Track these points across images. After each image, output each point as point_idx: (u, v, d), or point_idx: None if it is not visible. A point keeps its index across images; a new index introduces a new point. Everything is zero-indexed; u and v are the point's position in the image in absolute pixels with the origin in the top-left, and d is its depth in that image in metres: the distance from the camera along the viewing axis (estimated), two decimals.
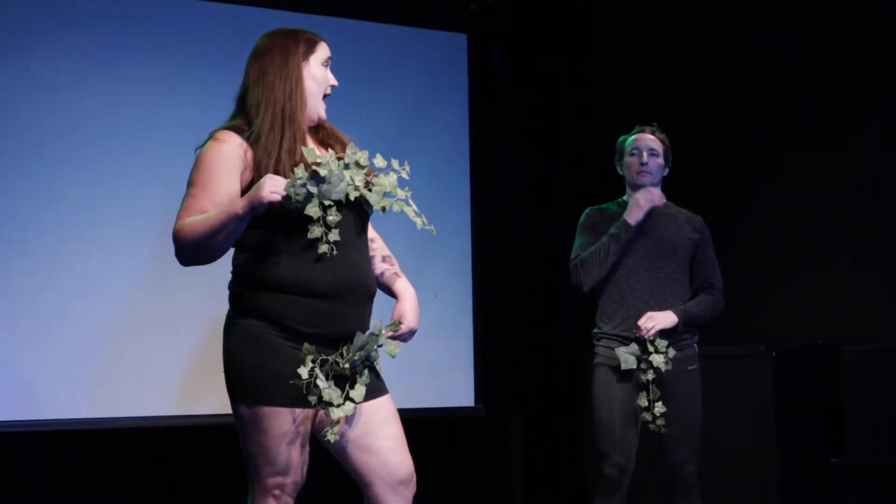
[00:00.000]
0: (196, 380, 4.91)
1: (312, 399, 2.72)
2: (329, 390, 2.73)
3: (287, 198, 2.68)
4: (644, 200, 4.12)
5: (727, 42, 5.61)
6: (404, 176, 2.85)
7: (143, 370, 4.82)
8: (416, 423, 2.97)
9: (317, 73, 2.90)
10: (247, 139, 2.81)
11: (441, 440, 5.44)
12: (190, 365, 4.90)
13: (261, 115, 2.82)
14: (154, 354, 4.85)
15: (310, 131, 2.93)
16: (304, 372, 2.71)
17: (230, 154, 2.80)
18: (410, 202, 2.85)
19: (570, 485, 5.87)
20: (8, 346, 4.61)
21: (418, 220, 2.85)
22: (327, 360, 2.75)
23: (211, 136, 2.85)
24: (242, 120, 2.86)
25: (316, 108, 2.91)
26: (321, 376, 2.72)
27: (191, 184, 2.82)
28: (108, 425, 4.77)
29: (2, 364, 4.60)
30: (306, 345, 2.74)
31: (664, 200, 4.18)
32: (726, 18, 5.62)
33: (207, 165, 2.80)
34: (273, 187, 2.67)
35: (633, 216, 4.12)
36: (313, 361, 2.73)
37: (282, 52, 2.87)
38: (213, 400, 4.88)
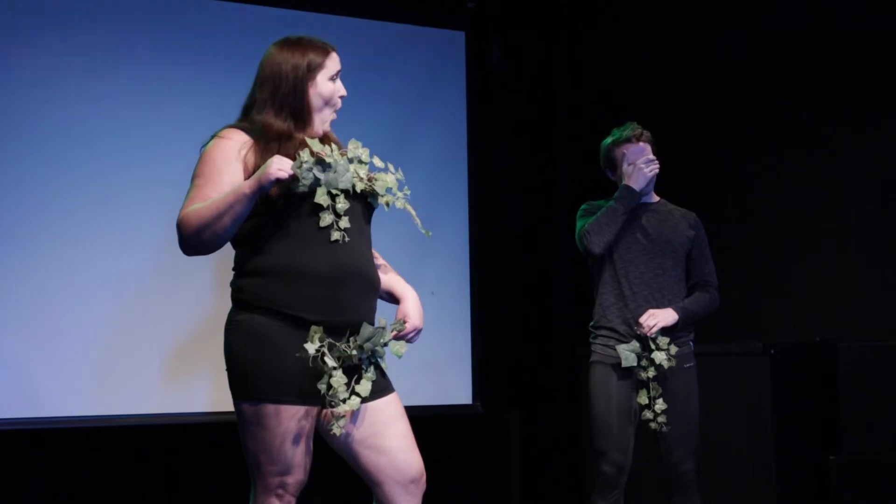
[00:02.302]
0: (197, 377, 4.91)
1: (322, 387, 2.72)
2: (337, 377, 2.73)
3: (294, 178, 2.71)
4: (648, 168, 4.12)
5: (725, 41, 5.61)
6: (399, 177, 2.91)
7: (144, 368, 4.82)
8: (414, 421, 2.97)
9: (324, 91, 2.93)
10: (252, 138, 2.85)
11: (439, 438, 5.44)
12: (190, 362, 4.90)
13: (263, 131, 2.86)
14: (154, 352, 4.85)
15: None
16: (311, 348, 2.71)
17: (234, 149, 2.83)
18: (409, 203, 2.90)
19: (568, 483, 5.87)
20: (9, 344, 4.61)
21: (418, 221, 2.90)
22: (335, 344, 2.76)
23: (215, 135, 2.89)
24: (249, 124, 2.90)
25: (321, 124, 2.95)
26: (329, 356, 2.73)
27: (195, 176, 2.85)
28: (109, 423, 4.77)
29: (3, 362, 4.59)
30: (314, 326, 2.75)
31: (657, 170, 4.17)
32: (724, 18, 5.63)
33: (212, 158, 2.84)
34: (280, 165, 2.71)
35: (637, 182, 4.11)
36: (321, 341, 2.73)
37: (289, 72, 2.88)
38: (214, 397, 4.88)
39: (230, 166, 2.81)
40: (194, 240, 2.78)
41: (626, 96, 5.83)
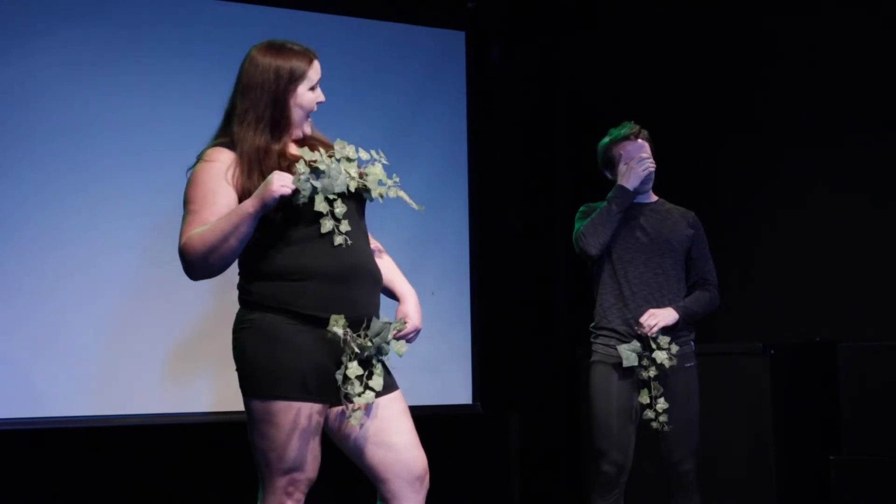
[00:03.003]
0: (197, 377, 4.91)
1: (339, 377, 2.74)
2: (353, 367, 2.74)
3: (296, 192, 2.72)
4: (641, 167, 4.11)
5: (724, 40, 5.62)
6: (384, 162, 2.91)
7: (144, 368, 4.82)
8: (415, 421, 2.98)
9: (304, 101, 2.91)
10: (236, 154, 2.85)
11: (439, 438, 5.42)
12: (190, 362, 4.90)
13: (241, 147, 2.84)
14: (155, 352, 4.85)
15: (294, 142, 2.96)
16: (339, 331, 2.72)
17: (222, 171, 2.83)
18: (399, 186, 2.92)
19: (568, 483, 5.87)
20: (9, 344, 4.61)
21: (412, 203, 2.92)
22: (353, 334, 2.77)
23: (200, 158, 2.88)
24: (229, 137, 2.89)
25: (300, 128, 2.94)
26: (354, 341, 2.74)
27: (188, 202, 2.84)
28: (109, 423, 4.77)
29: (3, 362, 4.60)
30: (334, 315, 2.75)
31: (654, 167, 4.16)
32: (724, 18, 5.63)
33: (202, 181, 2.83)
34: (282, 181, 2.72)
35: (631, 181, 4.11)
36: (343, 327, 2.74)
37: (270, 83, 2.86)
38: (215, 397, 4.89)
39: (222, 188, 2.81)
40: (201, 265, 2.79)
41: (626, 96, 5.83)
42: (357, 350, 2.75)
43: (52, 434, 4.71)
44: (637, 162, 4.11)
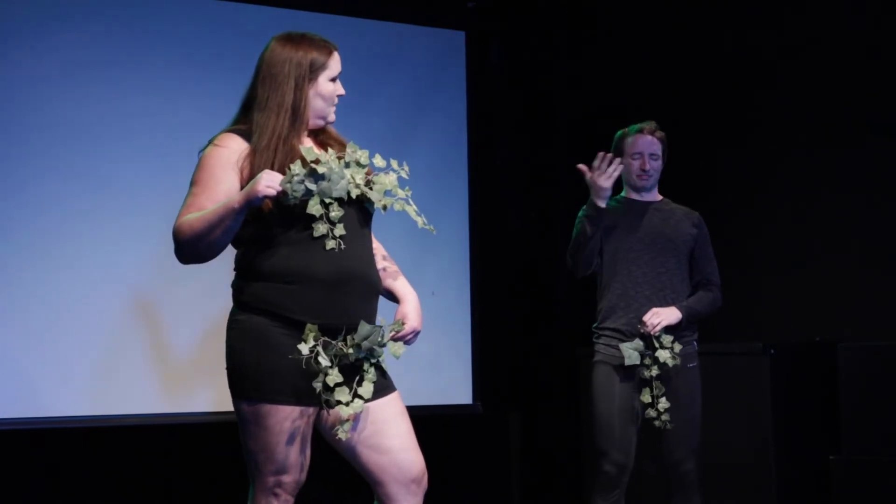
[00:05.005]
0: (197, 377, 4.91)
1: (318, 385, 2.72)
2: (333, 375, 2.72)
3: (283, 193, 2.71)
4: (600, 179, 4.04)
5: (726, 40, 5.62)
6: (403, 176, 2.88)
7: (144, 368, 4.82)
8: (414, 421, 2.97)
9: (324, 91, 2.90)
10: (250, 144, 2.84)
11: (439, 438, 5.43)
12: (190, 362, 4.91)
13: (258, 132, 2.84)
14: (154, 352, 4.85)
15: (310, 133, 2.95)
16: (304, 348, 2.71)
17: (230, 157, 2.83)
18: (410, 201, 2.87)
19: (568, 483, 5.87)
20: (9, 344, 4.61)
21: (419, 220, 2.88)
22: (331, 342, 2.75)
23: (212, 142, 2.88)
24: (247, 125, 2.88)
25: (322, 117, 2.93)
26: (323, 355, 2.72)
27: (192, 183, 2.85)
28: (109, 423, 4.78)
29: (2, 362, 4.60)
30: (309, 325, 2.74)
31: (618, 172, 4.10)
32: (724, 18, 5.63)
33: (209, 165, 2.84)
34: (269, 182, 2.70)
35: (600, 197, 4.05)
36: (315, 340, 2.73)
37: (291, 71, 2.85)
38: (214, 397, 4.89)
39: (226, 175, 2.81)
40: (188, 250, 2.80)
41: (626, 96, 5.83)
42: (328, 362, 2.72)
43: (52, 434, 4.72)
44: (598, 173, 4.05)
